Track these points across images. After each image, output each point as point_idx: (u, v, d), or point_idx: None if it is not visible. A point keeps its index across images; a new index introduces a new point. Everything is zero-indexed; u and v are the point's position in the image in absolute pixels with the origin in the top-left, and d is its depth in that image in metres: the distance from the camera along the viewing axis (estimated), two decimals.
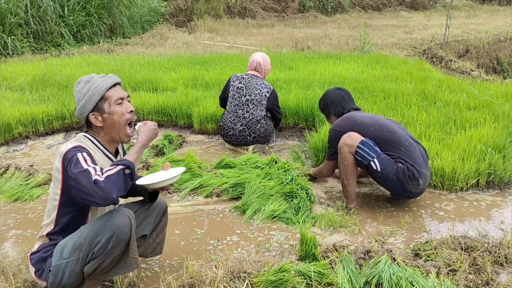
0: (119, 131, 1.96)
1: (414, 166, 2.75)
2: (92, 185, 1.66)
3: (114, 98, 1.92)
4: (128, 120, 1.96)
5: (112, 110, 1.92)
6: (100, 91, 1.90)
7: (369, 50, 9.01)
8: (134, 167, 1.78)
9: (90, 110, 1.91)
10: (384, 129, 2.88)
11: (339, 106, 3.20)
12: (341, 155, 2.88)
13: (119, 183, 1.70)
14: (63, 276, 1.81)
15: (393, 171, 2.76)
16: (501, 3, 22.08)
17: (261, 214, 2.86)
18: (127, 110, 1.95)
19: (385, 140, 2.84)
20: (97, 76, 1.95)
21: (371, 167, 2.81)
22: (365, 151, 2.80)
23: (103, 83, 1.91)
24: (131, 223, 1.78)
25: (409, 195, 2.86)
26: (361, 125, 2.93)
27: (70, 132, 4.96)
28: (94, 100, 1.90)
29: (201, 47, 10.53)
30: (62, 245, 1.83)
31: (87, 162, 1.75)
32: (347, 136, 2.88)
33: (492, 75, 7.86)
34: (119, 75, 6.41)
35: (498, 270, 2.20)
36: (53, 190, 1.88)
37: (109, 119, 1.92)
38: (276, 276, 2.00)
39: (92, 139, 1.95)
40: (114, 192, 1.67)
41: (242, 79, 4.14)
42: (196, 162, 3.64)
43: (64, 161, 1.78)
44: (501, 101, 4.53)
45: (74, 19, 11.03)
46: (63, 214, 1.88)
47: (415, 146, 2.85)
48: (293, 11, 17.89)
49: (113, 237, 1.74)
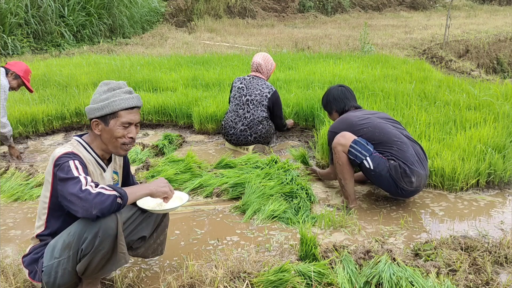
0: (113, 147, 1.97)
1: (406, 164, 2.77)
2: (80, 192, 1.67)
3: (123, 119, 1.93)
4: (123, 144, 1.97)
5: (115, 129, 1.92)
6: (115, 108, 1.91)
7: (369, 50, 9.01)
8: (126, 202, 1.79)
9: (97, 116, 1.93)
10: (376, 130, 2.92)
11: (340, 102, 3.22)
12: (336, 155, 2.91)
13: (105, 205, 1.70)
14: (56, 275, 1.82)
15: (385, 169, 2.79)
16: (501, 3, 22.09)
17: (261, 214, 2.86)
18: (127, 135, 1.96)
19: (378, 141, 2.89)
20: (123, 90, 1.95)
21: (364, 165, 2.83)
22: (358, 150, 2.83)
23: (122, 103, 1.92)
24: (117, 218, 1.78)
25: (402, 192, 2.87)
26: (355, 126, 2.98)
27: (70, 132, 4.96)
28: (105, 111, 1.91)
29: (201, 47, 10.54)
30: (52, 245, 1.84)
31: (78, 170, 1.76)
32: (340, 135, 2.92)
33: (492, 75, 7.85)
34: (119, 75, 6.41)
35: (498, 270, 2.20)
36: (44, 192, 1.89)
37: (108, 134, 1.94)
38: (276, 276, 2.00)
39: (85, 146, 1.96)
40: (96, 209, 1.68)
41: (244, 80, 4.16)
42: (196, 162, 3.64)
43: (55, 166, 1.79)
44: (501, 101, 4.53)
45: (74, 19, 11.03)
46: (53, 217, 1.89)
47: (408, 145, 2.87)
48: (293, 11, 17.89)
49: (99, 232, 1.73)
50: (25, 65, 4.04)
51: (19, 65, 3.97)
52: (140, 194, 1.88)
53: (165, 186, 1.95)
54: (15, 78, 3.91)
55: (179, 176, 3.41)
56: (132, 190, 1.85)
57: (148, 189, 1.90)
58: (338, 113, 3.24)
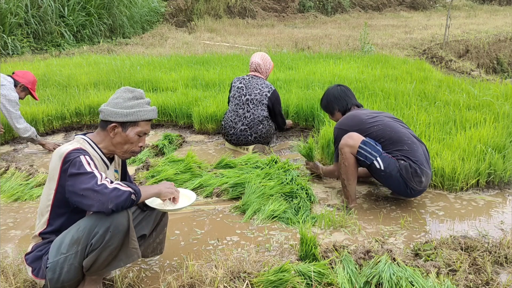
0: (121, 152, 2.04)
1: (417, 164, 2.76)
2: (96, 186, 1.70)
3: (140, 129, 2.02)
4: (133, 152, 2.05)
5: (131, 136, 2.00)
6: (139, 118, 1.99)
7: (369, 50, 9.01)
8: (140, 198, 1.84)
9: (118, 121, 1.96)
10: (387, 129, 2.89)
11: (342, 101, 3.19)
12: (342, 156, 2.87)
13: (120, 200, 1.74)
14: (61, 271, 1.82)
15: (396, 169, 2.77)
16: (501, 3, 22.10)
17: (261, 214, 2.86)
18: (139, 144, 2.05)
19: (388, 139, 2.86)
20: (146, 100, 2.04)
21: (374, 166, 2.81)
22: (367, 151, 2.80)
23: (145, 114, 2.00)
24: (128, 215, 1.80)
25: (411, 193, 2.86)
26: (366, 123, 2.94)
27: (70, 132, 4.96)
28: (129, 119, 1.97)
29: (201, 47, 10.53)
30: (59, 240, 1.84)
31: (90, 165, 1.80)
32: (348, 136, 2.87)
33: (492, 75, 7.85)
34: (119, 75, 6.42)
35: (498, 270, 2.20)
36: (47, 190, 1.89)
37: (122, 139, 1.99)
38: (276, 276, 2.00)
39: (91, 143, 1.98)
40: (112, 203, 1.71)
41: (243, 80, 4.16)
42: (196, 162, 3.64)
43: (64, 162, 1.79)
44: (501, 101, 4.53)
45: (74, 19, 11.03)
46: (57, 214, 1.89)
47: (417, 145, 2.86)
48: (293, 11, 17.89)
49: (110, 228, 1.75)
50: (32, 76, 4.19)
51: (27, 77, 4.12)
52: (150, 193, 1.93)
53: (172, 187, 2.02)
54: (23, 90, 4.12)
55: (179, 176, 3.41)
56: (142, 189, 1.89)
57: (158, 189, 1.96)
58: (341, 112, 3.21)
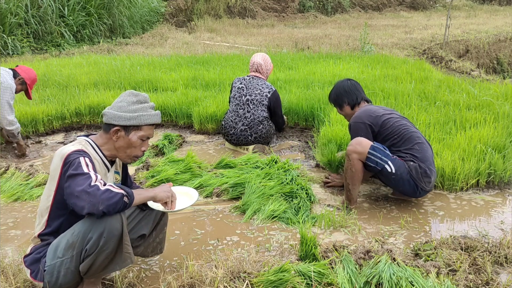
0: (124, 156, 2.03)
1: (426, 164, 2.77)
2: (88, 187, 1.69)
3: (143, 133, 2.01)
4: (135, 156, 2.04)
5: (134, 140, 1.99)
6: (142, 122, 1.98)
7: (369, 50, 9.00)
8: (132, 202, 1.81)
9: (121, 124, 1.96)
10: (402, 126, 2.89)
11: (352, 95, 3.16)
12: (350, 162, 2.83)
13: (112, 202, 1.71)
14: (58, 275, 1.82)
15: (406, 170, 2.77)
16: (501, 3, 22.09)
17: (261, 214, 2.86)
18: (141, 148, 2.04)
19: (402, 137, 2.85)
20: (150, 104, 2.03)
21: (385, 170, 2.77)
22: (377, 157, 2.77)
23: (149, 119, 2.00)
24: (122, 219, 1.79)
25: (420, 193, 2.87)
26: (382, 117, 2.94)
27: (70, 132, 4.96)
28: (132, 123, 1.96)
29: (201, 47, 10.53)
30: (55, 244, 1.84)
31: (88, 167, 1.78)
32: (356, 143, 2.82)
33: (492, 75, 7.85)
34: (119, 75, 6.41)
35: (498, 270, 2.20)
36: (47, 190, 1.89)
37: (124, 143, 1.99)
38: (276, 276, 2.00)
39: (93, 145, 1.98)
40: (103, 205, 1.69)
41: (244, 80, 4.17)
42: (196, 162, 3.64)
43: (65, 163, 1.79)
44: (501, 101, 4.53)
45: (74, 19, 11.02)
46: (55, 215, 1.89)
47: (427, 145, 2.87)
48: (293, 11, 17.88)
49: (104, 233, 1.75)
50: (35, 74, 4.13)
51: (29, 73, 4.05)
52: (144, 197, 1.90)
53: (169, 191, 1.99)
54: (21, 83, 4.01)
55: (179, 176, 3.41)
56: (137, 192, 1.88)
57: (153, 192, 1.94)
58: (350, 106, 3.16)
